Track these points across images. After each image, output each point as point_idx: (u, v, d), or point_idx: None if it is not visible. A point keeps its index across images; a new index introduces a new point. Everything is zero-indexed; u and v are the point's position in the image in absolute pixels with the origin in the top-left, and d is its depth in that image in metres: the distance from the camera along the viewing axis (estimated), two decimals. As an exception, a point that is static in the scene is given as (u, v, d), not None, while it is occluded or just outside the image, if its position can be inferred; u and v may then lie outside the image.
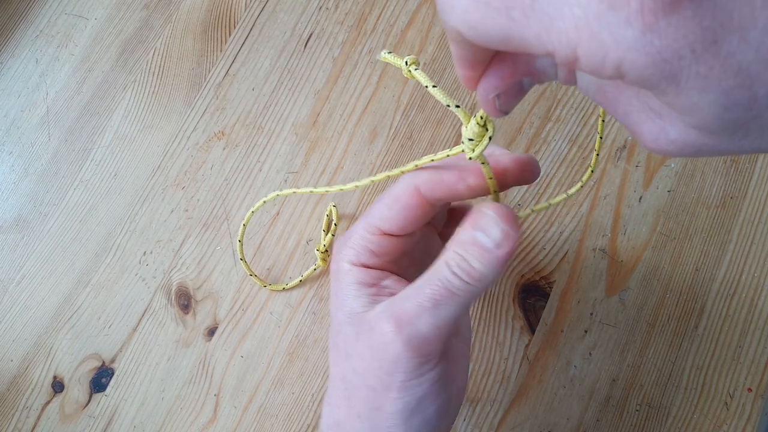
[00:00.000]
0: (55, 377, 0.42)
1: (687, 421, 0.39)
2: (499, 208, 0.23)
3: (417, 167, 0.25)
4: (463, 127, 0.23)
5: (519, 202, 0.43)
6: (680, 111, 0.15)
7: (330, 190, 0.31)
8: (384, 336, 0.23)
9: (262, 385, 0.41)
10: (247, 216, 0.41)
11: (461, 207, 0.34)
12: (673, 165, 0.43)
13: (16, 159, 0.46)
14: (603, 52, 0.14)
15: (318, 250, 0.41)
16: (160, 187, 0.45)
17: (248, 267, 0.42)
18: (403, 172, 0.26)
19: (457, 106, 0.23)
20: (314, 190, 0.33)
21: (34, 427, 0.41)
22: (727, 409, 0.39)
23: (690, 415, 0.39)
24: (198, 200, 0.45)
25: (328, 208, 0.43)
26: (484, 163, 0.24)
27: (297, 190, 0.35)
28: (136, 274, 0.44)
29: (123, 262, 0.44)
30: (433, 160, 0.25)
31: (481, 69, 0.20)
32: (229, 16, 0.48)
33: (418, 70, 0.24)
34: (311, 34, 0.47)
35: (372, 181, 0.28)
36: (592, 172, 0.33)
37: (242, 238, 0.42)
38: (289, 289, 0.42)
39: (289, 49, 0.47)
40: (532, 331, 0.41)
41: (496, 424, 0.40)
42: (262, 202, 0.39)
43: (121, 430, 0.41)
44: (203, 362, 0.42)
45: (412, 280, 0.25)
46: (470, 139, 0.23)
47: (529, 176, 0.26)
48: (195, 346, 0.42)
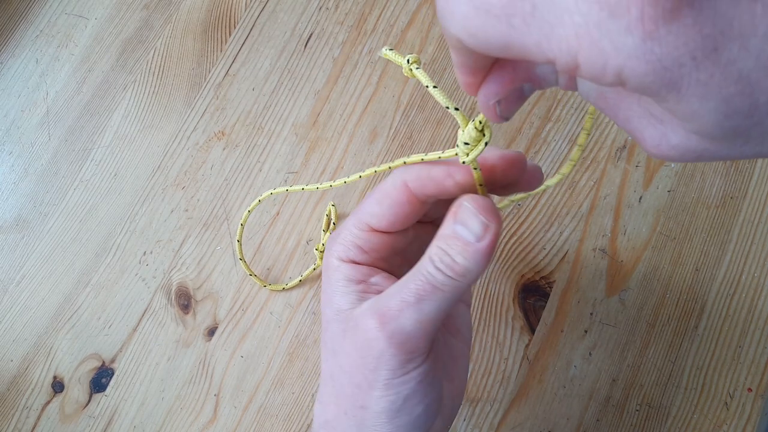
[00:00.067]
0: (55, 377, 0.42)
1: (687, 421, 0.39)
2: (477, 200, 0.23)
3: (405, 164, 0.25)
4: (460, 130, 0.23)
5: (519, 203, 0.43)
6: (681, 118, 0.15)
7: (321, 186, 0.31)
8: (368, 332, 0.23)
9: (262, 385, 0.41)
10: (244, 215, 0.41)
11: None
12: (673, 165, 0.43)
13: (16, 159, 0.46)
14: (603, 60, 0.14)
15: (317, 250, 0.41)
16: (160, 187, 0.45)
17: (248, 267, 0.42)
18: (391, 167, 0.26)
19: (456, 109, 0.22)
20: (306, 187, 0.33)
21: (34, 427, 0.41)
22: (727, 409, 0.39)
23: (690, 415, 0.39)
24: (198, 200, 0.45)
25: (328, 208, 0.43)
26: (476, 168, 0.24)
27: (290, 188, 0.36)
28: (136, 274, 0.44)
29: (123, 262, 0.44)
30: (423, 159, 0.25)
31: (481, 75, 0.20)
32: (229, 16, 0.48)
33: (420, 70, 0.24)
34: (311, 34, 0.47)
35: (360, 176, 0.28)
36: (574, 165, 0.33)
37: (241, 237, 0.42)
38: (288, 289, 0.42)
39: (289, 49, 0.47)
40: (532, 331, 0.41)
41: (496, 424, 0.40)
42: (257, 201, 0.39)
43: (121, 430, 0.41)
44: (203, 362, 0.42)
45: None
46: (466, 143, 0.23)
47: (516, 173, 0.26)
48: (195, 346, 0.42)
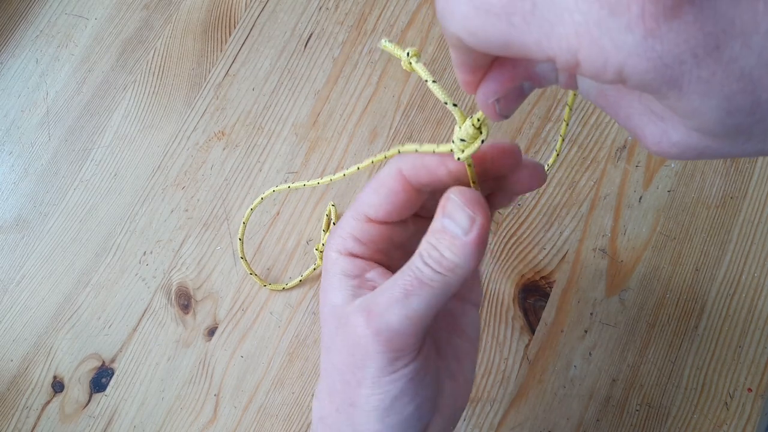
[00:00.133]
0: (55, 377, 0.42)
1: (687, 421, 0.39)
2: (464, 193, 0.22)
3: (400, 152, 0.25)
4: (456, 127, 0.23)
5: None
6: (682, 115, 0.15)
7: (321, 181, 0.31)
8: (356, 329, 0.23)
9: (262, 385, 0.41)
10: (247, 214, 0.41)
11: None
12: (673, 165, 0.43)
13: (16, 159, 0.46)
14: (604, 58, 0.14)
15: (317, 250, 0.41)
16: (160, 187, 0.45)
17: (248, 266, 0.42)
18: (387, 156, 0.26)
19: (454, 105, 0.22)
20: (307, 183, 0.33)
21: (34, 427, 0.41)
22: (727, 409, 0.39)
23: (690, 415, 0.39)
24: (198, 200, 0.45)
25: (328, 208, 0.43)
26: (470, 165, 0.23)
27: (291, 185, 0.36)
28: (136, 274, 0.44)
29: (123, 262, 0.44)
30: (418, 150, 0.24)
31: (481, 73, 0.20)
32: (229, 16, 0.48)
33: (419, 64, 0.23)
34: (311, 34, 0.47)
35: (358, 168, 0.28)
36: (558, 155, 0.36)
37: (242, 236, 0.42)
38: (288, 289, 0.42)
39: (289, 49, 0.47)
40: (532, 331, 0.41)
41: (496, 424, 0.40)
42: (259, 199, 0.39)
43: (121, 430, 0.41)
44: (203, 362, 0.42)
45: None
46: (462, 140, 0.22)
47: (509, 163, 0.25)
48: (195, 346, 0.42)
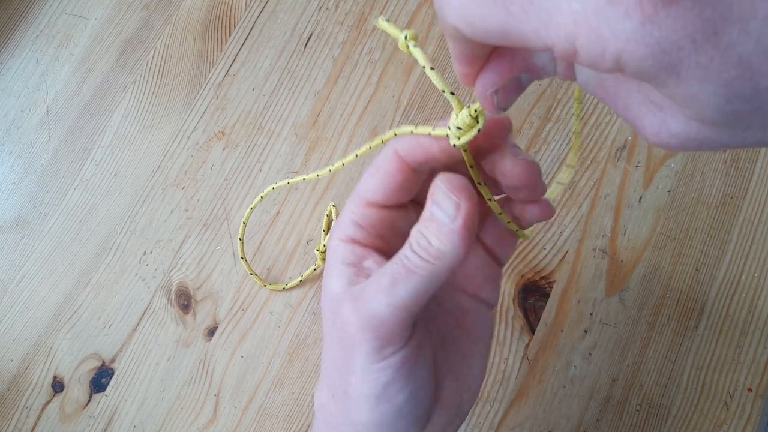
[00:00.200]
0: (55, 377, 0.42)
1: (687, 421, 0.39)
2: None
3: (396, 135, 0.25)
4: (453, 114, 0.22)
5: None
6: (681, 103, 0.15)
7: (321, 173, 0.31)
8: (345, 316, 0.23)
9: (262, 385, 0.41)
10: (247, 213, 0.41)
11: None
12: (673, 165, 0.43)
13: (16, 159, 0.46)
14: (602, 46, 0.14)
15: (318, 250, 0.41)
16: (160, 187, 0.45)
17: (248, 266, 0.42)
18: (383, 140, 0.26)
19: (452, 93, 0.22)
20: (306, 177, 0.33)
21: (34, 427, 0.41)
22: (727, 409, 0.39)
23: (690, 415, 0.39)
24: (198, 200, 0.45)
25: (328, 208, 0.43)
26: (466, 151, 0.23)
27: (291, 180, 0.36)
28: (136, 274, 0.44)
29: (123, 262, 0.44)
30: (413, 132, 0.24)
31: (478, 65, 0.20)
32: (229, 16, 0.48)
33: (417, 48, 0.23)
34: (311, 34, 0.47)
35: (356, 155, 0.28)
36: (575, 151, 0.32)
37: (242, 236, 0.42)
38: (289, 289, 0.42)
39: (289, 49, 0.47)
40: (532, 331, 0.41)
41: (496, 424, 0.40)
42: (259, 197, 0.39)
43: (121, 430, 0.41)
44: (203, 362, 0.42)
45: None
46: (458, 128, 0.22)
47: (496, 133, 0.24)
48: (195, 346, 0.42)
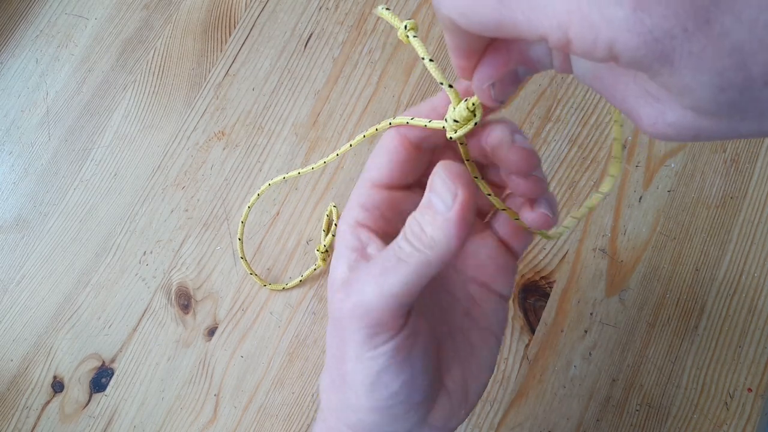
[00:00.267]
0: (55, 377, 0.42)
1: (687, 421, 0.39)
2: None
3: (391, 125, 0.25)
4: (450, 107, 0.22)
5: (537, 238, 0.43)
6: (675, 92, 0.15)
7: (315, 166, 0.31)
8: (336, 303, 0.23)
9: (262, 385, 0.41)
10: (245, 212, 0.41)
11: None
12: (673, 165, 0.43)
13: (16, 159, 0.46)
14: (594, 34, 0.14)
15: (318, 251, 0.41)
16: (160, 187, 0.45)
17: (248, 265, 0.42)
18: (378, 129, 0.26)
19: (450, 86, 0.22)
20: (301, 171, 0.33)
21: (34, 427, 0.41)
22: (727, 409, 0.39)
23: (690, 415, 0.39)
24: (198, 200, 0.45)
25: (328, 208, 0.43)
26: (463, 144, 0.23)
27: (286, 176, 0.36)
28: (136, 274, 0.44)
29: (123, 262, 0.44)
30: (409, 123, 0.24)
31: (475, 58, 0.20)
32: (229, 16, 0.48)
33: (416, 38, 0.23)
34: (311, 34, 0.47)
35: (350, 145, 0.28)
36: (613, 177, 0.29)
37: (242, 236, 0.42)
38: (288, 289, 0.42)
39: (289, 49, 0.47)
40: (532, 331, 0.41)
41: (496, 424, 0.40)
42: (256, 195, 0.39)
43: (121, 430, 0.41)
44: (203, 362, 0.42)
45: None
46: (455, 121, 0.22)
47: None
48: (195, 346, 0.42)
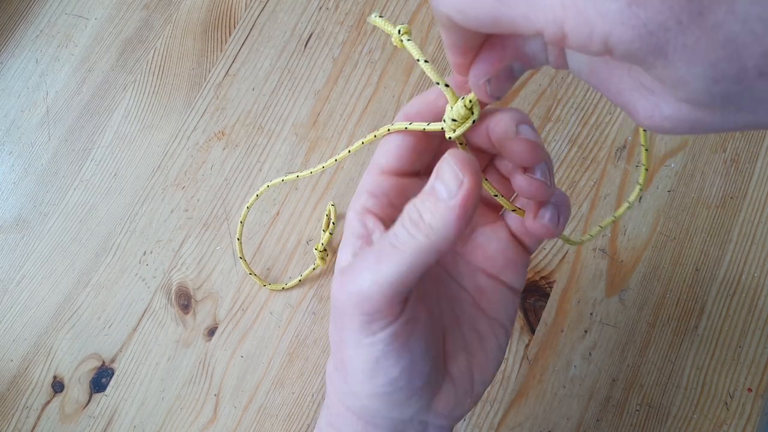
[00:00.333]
0: (55, 377, 0.42)
1: (687, 421, 0.39)
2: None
3: (390, 131, 0.25)
4: (448, 106, 0.22)
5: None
6: (670, 85, 0.15)
7: (314, 170, 0.31)
8: (335, 291, 0.23)
9: (262, 385, 0.41)
10: (244, 213, 0.41)
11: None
12: (673, 165, 0.43)
13: (16, 159, 0.46)
14: (589, 28, 0.14)
15: (317, 249, 0.41)
16: (160, 187, 0.45)
17: (248, 266, 0.42)
18: (377, 135, 0.26)
19: (446, 85, 0.22)
20: (300, 174, 0.33)
21: (34, 427, 0.41)
22: (727, 409, 0.39)
23: (690, 415, 0.39)
24: (198, 200, 0.45)
25: (328, 208, 0.43)
26: (462, 144, 0.23)
27: (285, 178, 0.36)
28: (136, 274, 0.44)
29: (123, 262, 0.44)
30: (407, 128, 0.24)
31: (471, 55, 0.20)
32: (229, 16, 0.48)
33: (410, 42, 0.23)
34: (311, 34, 0.47)
35: (349, 151, 0.28)
36: (641, 188, 0.29)
37: (241, 236, 0.42)
38: (288, 289, 0.42)
39: (289, 49, 0.47)
40: (532, 331, 0.41)
41: (496, 424, 0.40)
42: (255, 196, 0.39)
43: (121, 430, 0.41)
44: (203, 362, 0.42)
45: None
46: (453, 120, 0.22)
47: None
48: (195, 346, 0.42)
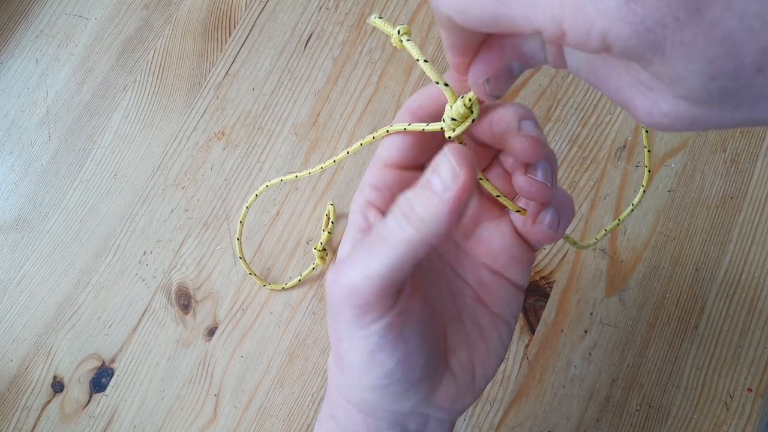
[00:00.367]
0: (55, 377, 0.42)
1: (687, 421, 0.39)
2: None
3: (388, 132, 0.25)
4: (447, 106, 0.22)
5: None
6: (668, 82, 0.15)
7: (312, 171, 0.31)
8: (328, 284, 0.23)
9: (262, 385, 0.41)
10: (243, 212, 0.41)
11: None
12: (673, 165, 0.43)
13: (16, 159, 0.46)
14: (588, 25, 0.14)
15: (316, 249, 0.41)
16: (160, 187, 0.45)
17: (247, 266, 0.42)
18: (375, 137, 0.26)
19: (445, 85, 0.22)
20: (299, 175, 0.33)
21: (34, 427, 0.41)
22: (727, 409, 0.39)
23: (690, 415, 0.39)
24: (198, 200, 0.45)
25: (327, 207, 0.43)
26: (462, 143, 0.23)
27: (284, 178, 0.36)
28: (136, 274, 0.44)
29: (123, 262, 0.44)
30: (406, 129, 0.24)
31: (471, 55, 0.20)
32: (229, 16, 0.48)
33: (410, 42, 0.23)
34: (311, 34, 0.47)
35: (348, 152, 0.28)
36: (644, 191, 0.31)
37: (240, 236, 0.42)
38: (288, 289, 0.42)
39: (289, 49, 0.47)
40: (532, 331, 0.41)
41: (496, 424, 0.40)
42: (254, 196, 0.39)
43: (121, 430, 0.41)
44: (203, 362, 0.42)
45: None
46: (453, 119, 0.22)
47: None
48: (195, 346, 0.42)
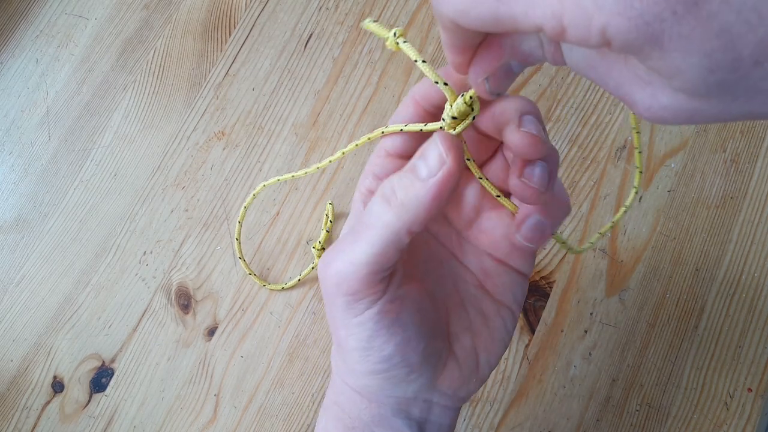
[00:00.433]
0: (55, 377, 0.42)
1: (687, 421, 0.39)
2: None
3: (384, 134, 0.25)
4: (447, 105, 0.23)
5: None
6: (666, 75, 0.16)
7: (309, 170, 0.32)
8: (318, 272, 0.23)
9: (262, 385, 0.41)
10: (241, 212, 0.41)
11: None
12: (673, 165, 0.43)
13: (16, 159, 0.46)
14: (588, 20, 0.15)
15: (315, 248, 0.41)
16: (160, 187, 0.45)
17: (247, 266, 0.42)
18: (370, 138, 0.26)
19: (445, 84, 0.22)
20: (295, 174, 0.33)
21: (34, 427, 0.41)
22: (727, 409, 0.39)
23: (690, 415, 0.39)
24: (198, 200, 0.45)
25: (326, 207, 0.43)
26: (462, 141, 0.23)
27: (281, 178, 0.36)
28: (136, 274, 0.44)
29: (123, 262, 0.44)
30: (402, 130, 0.24)
31: (470, 54, 0.21)
32: (229, 16, 0.48)
33: (407, 43, 0.23)
34: (311, 34, 0.47)
35: (343, 153, 0.28)
36: (636, 192, 0.31)
37: (239, 236, 0.42)
38: (288, 289, 0.42)
39: (289, 49, 0.47)
40: (532, 331, 0.41)
41: (496, 424, 0.40)
42: (252, 196, 0.39)
43: (121, 430, 0.41)
44: (203, 362, 0.42)
45: None
46: (453, 117, 0.22)
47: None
48: (195, 346, 0.42)
